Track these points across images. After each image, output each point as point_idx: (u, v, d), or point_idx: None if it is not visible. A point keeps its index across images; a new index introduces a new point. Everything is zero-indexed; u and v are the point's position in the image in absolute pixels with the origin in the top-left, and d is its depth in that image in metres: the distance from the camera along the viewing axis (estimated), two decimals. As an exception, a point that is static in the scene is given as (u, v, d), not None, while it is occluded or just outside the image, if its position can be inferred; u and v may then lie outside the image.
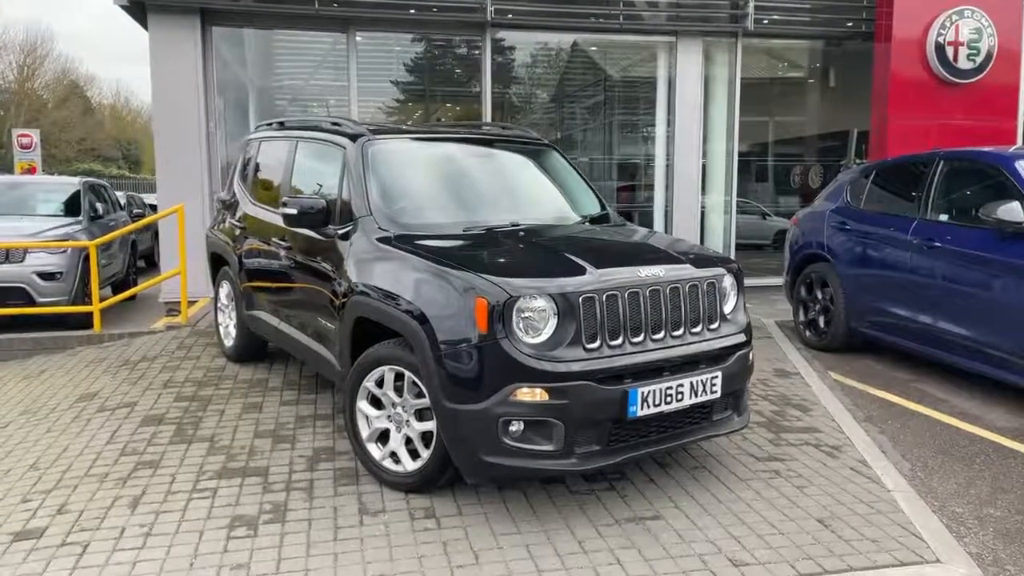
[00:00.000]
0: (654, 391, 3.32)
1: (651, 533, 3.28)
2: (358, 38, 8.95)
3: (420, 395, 3.52)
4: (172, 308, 8.13)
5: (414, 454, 3.62)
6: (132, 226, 8.33)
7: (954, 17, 9.42)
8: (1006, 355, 4.92)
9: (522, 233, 3.99)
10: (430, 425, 3.50)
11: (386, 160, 4.28)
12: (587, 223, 4.52)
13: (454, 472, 3.49)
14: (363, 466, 3.84)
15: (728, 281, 3.80)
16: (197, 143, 8.15)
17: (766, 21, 9.58)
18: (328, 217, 4.18)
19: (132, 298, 8.67)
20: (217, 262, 6.00)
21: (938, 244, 5.53)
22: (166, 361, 5.93)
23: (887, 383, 5.77)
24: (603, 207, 4.78)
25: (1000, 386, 5.33)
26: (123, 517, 3.41)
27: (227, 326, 5.90)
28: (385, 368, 3.63)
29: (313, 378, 5.43)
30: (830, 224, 6.78)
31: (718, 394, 3.57)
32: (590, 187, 4.90)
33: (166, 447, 4.20)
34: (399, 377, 3.61)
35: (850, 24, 9.89)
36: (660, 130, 9.96)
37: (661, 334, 3.46)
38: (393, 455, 3.68)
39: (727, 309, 3.77)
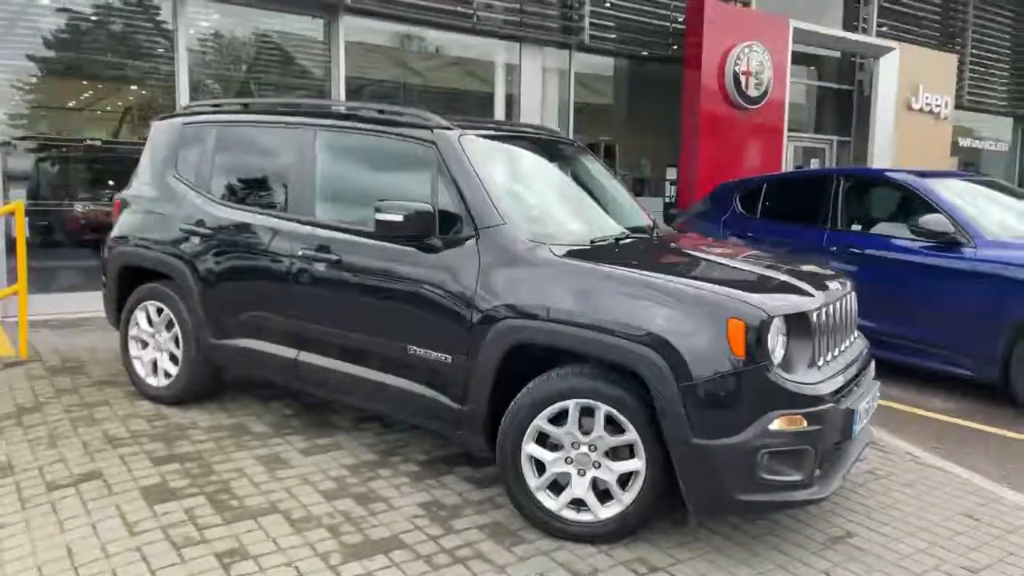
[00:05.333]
0: (864, 408, 3.29)
1: (869, 552, 3.24)
2: (189, 11, 7.57)
3: (618, 431, 3.09)
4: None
5: (602, 499, 3.17)
6: None
7: (746, 50, 10.63)
8: (939, 349, 5.67)
9: (672, 246, 3.69)
10: (632, 464, 3.08)
11: (493, 160, 3.69)
12: (659, 232, 4.32)
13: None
14: (526, 519, 3.26)
15: None
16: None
17: (598, 37, 9.99)
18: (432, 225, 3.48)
19: None
20: (133, 279, 4.66)
21: (856, 251, 6.21)
22: (63, 411, 4.47)
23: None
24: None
25: (908, 372, 6.08)
26: (300, 633, 2.51)
27: (152, 361, 4.61)
28: (570, 402, 3.12)
29: (298, 416, 4.49)
30: (726, 231, 7.26)
31: (875, 406, 3.64)
32: (627, 191, 4.69)
33: (228, 527, 3.18)
34: (585, 412, 3.13)
35: (668, 47, 10.68)
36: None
37: (841, 349, 3.44)
38: (575, 503, 3.18)
39: None
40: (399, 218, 3.38)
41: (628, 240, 3.77)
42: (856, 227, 6.43)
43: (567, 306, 3.13)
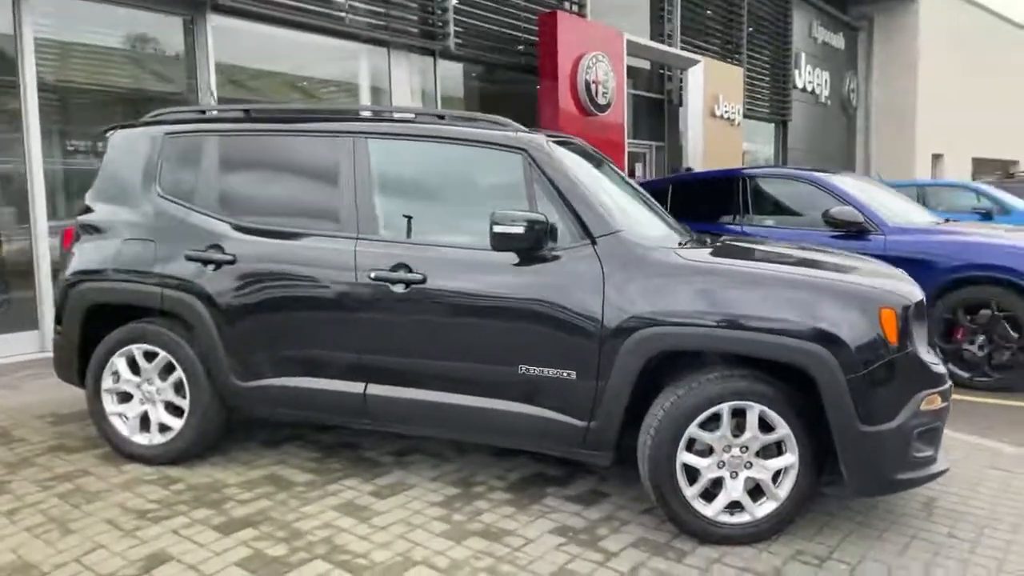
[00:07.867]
0: (947, 385, 3.60)
1: (955, 511, 3.54)
2: (35, 9, 6.46)
3: (768, 429, 3.13)
4: None
5: (754, 498, 3.18)
6: None
7: (594, 60, 11.11)
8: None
9: (752, 245, 3.78)
10: (785, 460, 3.13)
11: (581, 166, 3.55)
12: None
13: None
14: (680, 528, 3.19)
15: None
16: None
17: (462, 44, 9.96)
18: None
19: None
20: (106, 321, 3.89)
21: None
22: (40, 488, 3.63)
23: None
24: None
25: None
26: None
27: (141, 415, 3.88)
28: (724, 405, 3.11)
29: (329, 458, 4.02)
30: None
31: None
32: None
33: (383, 591, 2.79)
34: (735, 414, 3.13)
35: (522, 55, 10.87)
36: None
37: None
38: (731, 506, 3.16)
39: None
40: (520, 230, 3.16)
41: (711, 241, 3.82)
42: (769, 221, 6.98)
43: (719, 309, 3.10)
